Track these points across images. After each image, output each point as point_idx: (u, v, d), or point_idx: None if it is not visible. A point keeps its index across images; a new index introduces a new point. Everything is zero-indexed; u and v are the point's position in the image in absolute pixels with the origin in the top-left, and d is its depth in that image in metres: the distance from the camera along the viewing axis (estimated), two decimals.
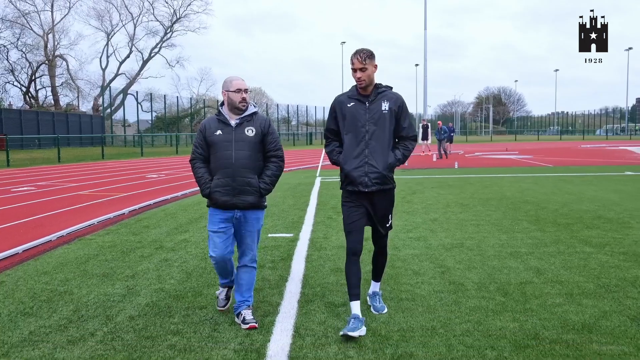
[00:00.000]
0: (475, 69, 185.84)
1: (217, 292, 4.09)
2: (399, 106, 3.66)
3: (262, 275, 4.86)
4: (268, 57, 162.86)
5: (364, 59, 3.53)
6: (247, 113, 3.74)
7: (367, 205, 3.69)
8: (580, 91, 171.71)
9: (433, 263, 5.24)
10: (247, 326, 3.58)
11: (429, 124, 27.80)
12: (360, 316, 3.52)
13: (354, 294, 3.61)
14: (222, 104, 3.81)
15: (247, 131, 3.69)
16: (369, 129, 3.60)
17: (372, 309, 3.92)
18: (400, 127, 3.68)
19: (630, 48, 74.08)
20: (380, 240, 3.92)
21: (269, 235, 6.67)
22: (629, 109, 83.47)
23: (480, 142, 54.63)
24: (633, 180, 13.23)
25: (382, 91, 3.68)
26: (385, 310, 3.91)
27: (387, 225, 3.84)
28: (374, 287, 4.07)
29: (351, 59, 3.58)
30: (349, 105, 3.67)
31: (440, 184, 12.85)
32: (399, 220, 7.57)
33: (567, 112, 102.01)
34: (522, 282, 4.58)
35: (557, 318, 3.72)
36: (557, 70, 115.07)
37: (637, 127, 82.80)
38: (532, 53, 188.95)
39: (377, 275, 4.06)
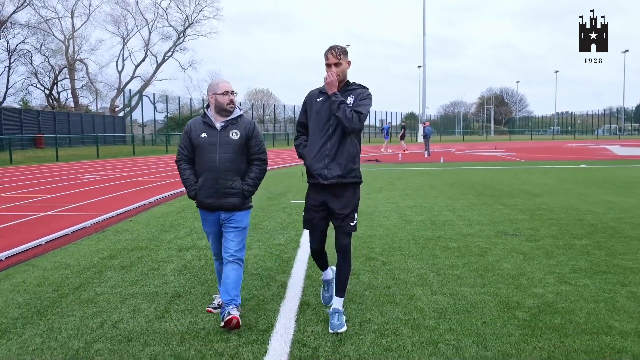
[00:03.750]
0: (475, 68, 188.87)
1: (214, 295, 4.26)
2: (358, 96, 3.59)
3: (295, 219, 8.04)
4: (270, 58, 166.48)
5: (338, 54, 3.57)
6: (232, 116, 3.80)
7: (329, 200, 3.68)
8: (580, 91, 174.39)
9: (397, 213, 8.41)
10: (230, 317, 3.48)
11: (406, 125, 31.06)
12: (332, 275, 4.12)
13: (323, 267, 4.09)
14: (208, 106, 3.86)
15: (232, 134, 3.74)
16: (333, 122, 3.60)
17: (329, 328, 3.56)
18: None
19: (626, 50, 77.23)
20: (341, 242, 3.72)
21: (292, 201, 9.85)
22: (625, 109, 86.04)
23: (476, 141, 57.78)
24: (579, 171, 16.35)
25: (352, 88, 3.67)
26: (344, 328, 3.54)
27: (351, 224, 3.69)
28: (337, 303, 3.71)
29: (326, 55, 3.59)
30: (318, 99, 3.69)
31: (422, 173, 16.03)
32: (382, 194, 10.73)
33: (570, 112, 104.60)
34: (447, 220, 7.74)
35: (455, 231, 6.88)
36: (557, 71, 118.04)
37: (632, 128, 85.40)
38: (532, 52, 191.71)
39: (339, 289, 3.75)
